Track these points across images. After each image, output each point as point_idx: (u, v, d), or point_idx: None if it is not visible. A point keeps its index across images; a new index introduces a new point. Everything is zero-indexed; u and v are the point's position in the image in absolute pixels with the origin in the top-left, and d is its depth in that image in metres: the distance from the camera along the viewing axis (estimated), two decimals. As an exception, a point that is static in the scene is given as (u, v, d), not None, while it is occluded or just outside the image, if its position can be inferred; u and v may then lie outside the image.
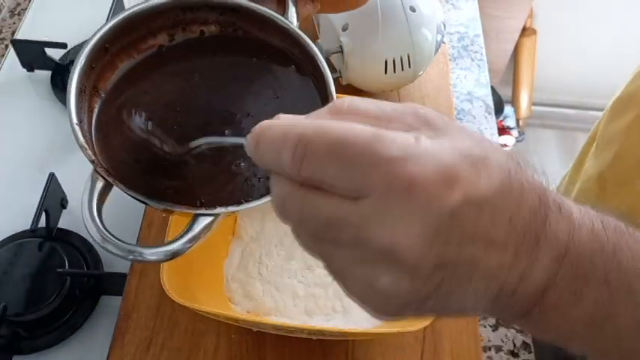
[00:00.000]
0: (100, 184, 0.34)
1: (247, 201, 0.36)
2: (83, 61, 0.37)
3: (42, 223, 0.59)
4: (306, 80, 0.42)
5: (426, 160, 0.23)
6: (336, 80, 0.71)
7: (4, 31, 0.83)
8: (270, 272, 0.57)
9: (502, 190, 0.24)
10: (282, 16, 0.42)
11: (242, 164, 0.38)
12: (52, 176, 0.61)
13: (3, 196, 0.66)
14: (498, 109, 1.84)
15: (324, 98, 0.40)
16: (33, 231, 0.59)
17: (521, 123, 2.00)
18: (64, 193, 0.64)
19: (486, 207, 0.24)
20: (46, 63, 0.76)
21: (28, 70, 0.77)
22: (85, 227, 0.32)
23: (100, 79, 0.40)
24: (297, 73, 0.42)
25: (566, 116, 2.08)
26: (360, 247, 0.24)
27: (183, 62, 0.43)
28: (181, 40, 0.43)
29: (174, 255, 0.33)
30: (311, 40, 0.42)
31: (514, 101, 1.99)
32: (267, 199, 0.36)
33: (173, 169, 0.38)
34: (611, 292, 0.26)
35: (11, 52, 0.77)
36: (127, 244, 0.32)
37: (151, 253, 0.33)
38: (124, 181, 0.35)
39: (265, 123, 0.26)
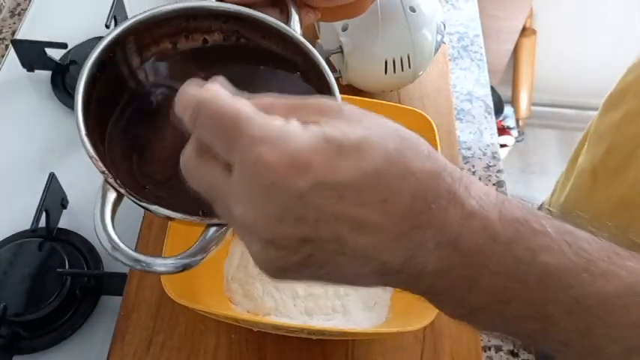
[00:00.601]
0: (112, 195, 0.34)
1: None
2: (89, 71, 0.37)
3: (42, 223, 0.59)
4: (310, 89, 0.41)
5: (278, 144, 0.25)
6: (336, 80, 0.71)
7: (4, 31, 0.83)
8: (270, 272, 0.57)
9: (374, 174, 0.25)
10: (286, 24, 0.42)
11: None
12: (52, 176, 0.61)
13: (3, 196, 0.66)
14: (498, 109, 1.84)
15: None
16: (33, 231, 0.59)
17: (521, 123, 2.00)
18: (64, 193, 0.64)
19: (348, 190, 0.25)
20: (46, 63, 0.76)
21: (28, 70, 0.77)
22: (97, 237, 0.32)
23: (105, 90, 0.39)
24: (301, 81, 0.42)
25: (566, 116, 2.08)
26: (229, 216, 0.27)
27: (187, 71, 0.42)
28: (185, 49, 0.43)
29: (185, 267, 0.32)
30: (311, 39, 0.42)
31: (514, 101, 2.00)
32: None
33: (180, 179, 0.38)
34: (505, 283, 0.27)
35: (11, 52, 0.77)
36: (137, 253, 0.32)
37: (161, 264, 0.32)
38: (136, 192, 0.34)
39: (183, 88, 0.28)
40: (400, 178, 0.26)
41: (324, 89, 0.40)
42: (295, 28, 0.42)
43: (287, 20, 0.43)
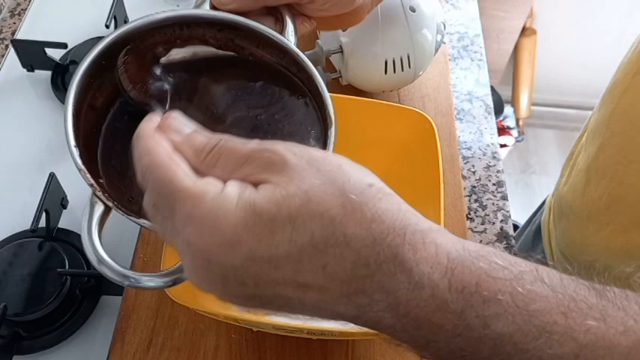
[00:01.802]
0: (99, 208, 0.34)
1: None
2: (79, 80, 0.37)
3: (42, 223, 0.59)
4: (304, 99, 0.41)
5: (208, 222, 0.26)
6: (336, 80, 0.71)
7: (4, 31, 0.83)
8: (270, 272, 0.57)
9: (311, 246, 0.25)
10: (281, 33, 0.41)
11: None
12: (52, 176, 0.61)
13: (3, 196, 0.66)
14: (498, 109, 1.84)
15: (323, 117, 0.39)
16: (33, 231, 0.58)
17: (521, 123, 2.00)
18: (64, 193, 0.64)
19: (283, 261, 0.26)
20: (46, 63, 0.76)
21: (28, 70, 0.77)
22: (84, 250, 0.32)
23: (97, 98, 0.39)
24: (295, 92, 0.41)
25: (566, 116, 2.08)
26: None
27: (181, 79, 0.42)
28: (178, 57, 0.42)
29: (175, 282, 0.32)
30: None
31: (514, 101, 1.99)
32: None
33: None
34: (460, 345, 0.27)
35: (11, 52, 0.77)
36: (124, 268, 0.32)
37: (150, 280, 0.32)
38: (123, 205, 0.34)
39: (138, 132, 0.30)
40: (339, 247, 0.25)
41: (318, 100, 0.40)
42: (290, 37, 0.42)
43: (282, 30, 0.42)
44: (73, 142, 0.35)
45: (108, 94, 0.39)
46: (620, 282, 0.29)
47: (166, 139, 0.29)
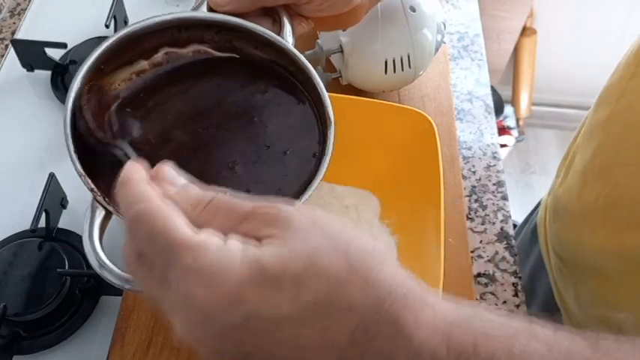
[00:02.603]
0: (100, 213, 0.34)
1: None
2: (78, 85, 0.37)
3: (42, 223, 0.59)
4: (303, 100, 0.41)
5: (209, 277, 0.25)
6: (336, 80, 0.71)
7: (4, 31, 0.83)
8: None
9: (313, 308, 0.25)
10: (278, 34, 0.41)
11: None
12: (52, 176, 0.61)
13: (3, 196, 0.66)
14: (498, 109, 1.84)
15: (322, 119, 0.39)
16: (33, 231, 0.58)
17: (521, 123, 2.00)
18: (64, 193, 0.64)
19: (285, 322, 0.25)
20: (46, 63, 0.76)
21: (28, 70, 0.77)
22: (86, 254, 0.32)
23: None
24: (294, 93, 0.41)
25: (566, 116, 2.08)
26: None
27: (180, 81, 0.42)
28: (176, 60, 0.42)
29: None
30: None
31: (514, 101, 1.99)
32: None
33: None
34: None
35: (11, 52, 0.77)
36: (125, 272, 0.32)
37: None
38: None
39: (128, 177, 0.28)
40: (341, 311, 0.25)
41: (317, 101, 0.40)
42: (288, 38, 0.42)
43: (279, 31, 0.42)
44: (72, 147, 0.35)
45: (106, 100, 0.39)
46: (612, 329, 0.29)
47: (159, 189, 0.28)
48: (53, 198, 0.61)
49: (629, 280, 0.53)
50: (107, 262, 0.32)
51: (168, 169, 0.29)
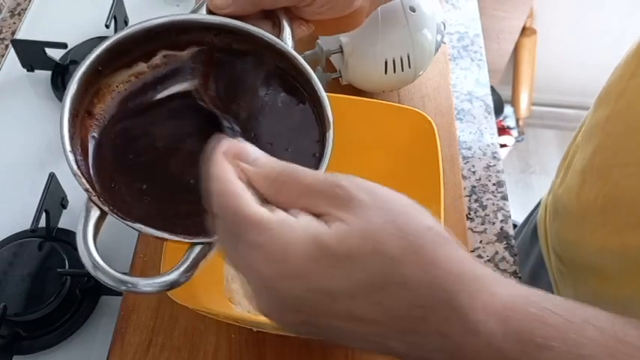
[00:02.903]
0: (95, 213, 0.34)
1: None
2: (76, 86, 0.36)
3: (42, 223, 0.59)
4: (303, 102, 0.41)
5: (271, 250, 0.27)
6: (336, 80, 0.71)
7: (4, 31, 0.83)
8: (270, 272, 0.57)
9: (368, 283, 0.26)
10: (278, 37, 0.41)
11: None
12: (52, 176, 0.61)
13: (3, 196, 0.66)
14: (498, 109, 1.84)
15: (321, 121, 0.39)
16: (33, 231, 0.59)
17: (521, 123, 2.00)
18: (64, 193, 0.64)
19: (341, 296, 0.27)
20: (46, 63, 0.76)
21: (28, 70, 0.77)
22: (79, 255, 0.32)
23: (94, 103, 0.39)
24: (293, 94, 0.41)
25: (566, 116, 2.08)
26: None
27: (177, 82, 0.42)
28: (174, 62, 0.42)
29: (171, 286, 0.32)
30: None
31: (514, 101, 1.99)
32: None
33: (168, 197, 0.37)
34: None
35: (11, 52, 0.77)
36: (121, 273, 0.32)
37: (146, 285, 0.32)
38: (119, 209, 0.34)
39: (210, 155, 0.30)
40: (396, 286, 0.26)
41: (316, 103, 0.40)
42: (287, 41, 0.42)
43: (279, 33, 0.42)
44: (68, 147, 0.35)
45: (104, 102, 0.39)
46: None
47: (233, 166, 0.30)
48: (53, 198, 0.61)
49: (629, 280, 0.53)
50: (101, 262, 0.32)
51: (242, 146, 0.31)
